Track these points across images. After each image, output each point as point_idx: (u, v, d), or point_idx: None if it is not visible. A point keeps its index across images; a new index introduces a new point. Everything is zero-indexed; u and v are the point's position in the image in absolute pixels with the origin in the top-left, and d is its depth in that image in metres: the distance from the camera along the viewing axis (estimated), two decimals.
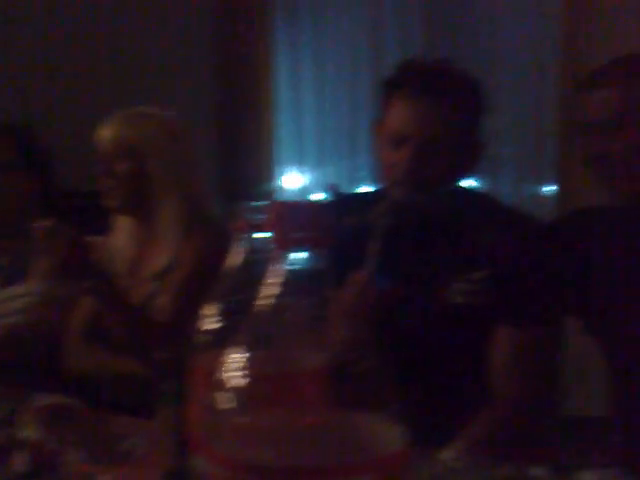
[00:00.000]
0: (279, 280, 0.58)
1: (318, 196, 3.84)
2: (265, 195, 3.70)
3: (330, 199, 1.77)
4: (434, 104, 1.43)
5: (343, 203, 1.72)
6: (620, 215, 1.43)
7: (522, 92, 3.62)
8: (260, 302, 0.59)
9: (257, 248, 0.74)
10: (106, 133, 1.75)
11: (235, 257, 0.79)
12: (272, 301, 0.58)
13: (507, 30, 3.61)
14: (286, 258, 0.58)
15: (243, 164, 3.79)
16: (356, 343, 0.61)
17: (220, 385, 0.57)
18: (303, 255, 0.58)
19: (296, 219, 0.57)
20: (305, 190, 3.91)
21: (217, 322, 0.74)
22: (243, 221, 0.79)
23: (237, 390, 0.57)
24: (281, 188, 3.92)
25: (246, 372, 0.57)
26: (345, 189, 3.61)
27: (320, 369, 0.59)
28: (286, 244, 0.57)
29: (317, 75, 3.85)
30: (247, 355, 0.58)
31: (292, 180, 3.95)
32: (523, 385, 1.44)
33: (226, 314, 0.74)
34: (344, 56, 3.81)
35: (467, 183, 3.83)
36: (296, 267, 0.58)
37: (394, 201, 1.45)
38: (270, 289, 0.58)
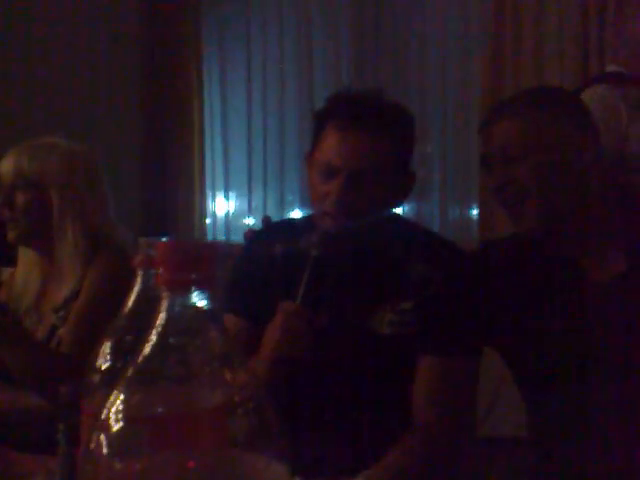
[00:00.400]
0: (167, 320, 0.58)
1: (247, 221, 3.85)
2: (193, 223, 3.68)
3: (261, 228, 1.77)
4: (365, 136, 1.42)
5: (274, 230, 1.72)
6: (525, 244, 1.48)
7: (448, 118, 3.71)
8: (149, 341, 0.58)
9: (153, 285, 0.73)
10: (7, 163, 1.73)
11: (133, 293, 0.78)
12: (160, 340, 0.58)
13: (434, 58, 3.71)
14: (175, 297, 0.58)
15: (171, 191, 3.76)
16: (251, 382, 0.60)
17: (103, 427, 0.56)
18: (192, 295, 0.58)
19: (181, 259, 0.57)
20: (234, 216, 3.91)
21: (109, 361, 0.73)
22: (143, 256, 0.78)
23: (120, 433, 0.56)
24: (211, 214, 3.91)
25: (130, 414, 0.56)
26: (273, 214, 3.63)
27: (211, 409, 0.58)
28: (172, 284, 0.57)
29: (245, 101, 3.87)
30: (132, 396, 0.57)
31: (220, 206, 3.94)
32: (443, 414, 1.44)
33: (119, 353, 0.73)
34: (272, 82, 3.85)
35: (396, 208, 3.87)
36: (184, 307, 0.58)
37: (325, 232, 1.43)
38: (158, 328, 0.58)
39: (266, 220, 1.71)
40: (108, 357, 0.73)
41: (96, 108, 3.55)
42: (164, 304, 0.57)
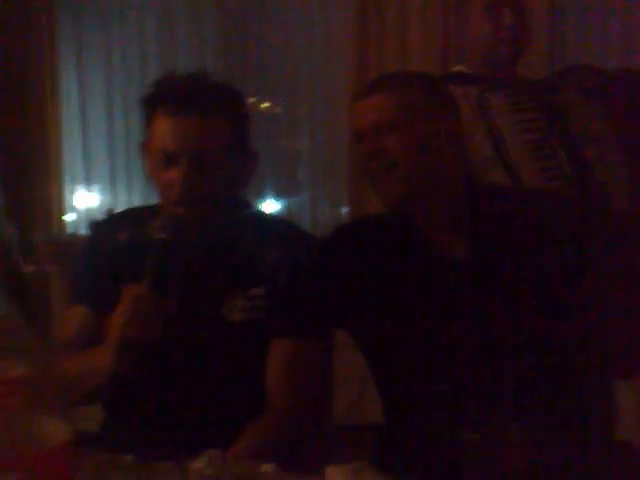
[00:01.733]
0: None
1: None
2: (52, 218, 3.54)
3: (104, 218, 1.78)
4: (197, 119, 1.40)
5: (117, 219, 1.69)
6: (387, 224, 1.49)
7: (316, 116, 3.74)
8: None
9: None
10: None
11: None
12: None
13: (301, 55, 3.73)
14: None
15: (31, 186, 3.59)
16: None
17: None
18: None
19: None
20: (98, 211, 3.79)
21: None
22: None
23: None
24: (72, 208, 3.77)
25: None
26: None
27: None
28: None
29: (106, 94, 3.76)
30: None
31: (82, 200, 3.82)
32: (293, 396, 1.46)
33: None
34: (133, 70, 3.75)
35: (265, 205, 3.83)
36: None
37: (171, 216, 1.42)
38: None
39: (109, 210, 1.69)
40: None
41: None
42: None
